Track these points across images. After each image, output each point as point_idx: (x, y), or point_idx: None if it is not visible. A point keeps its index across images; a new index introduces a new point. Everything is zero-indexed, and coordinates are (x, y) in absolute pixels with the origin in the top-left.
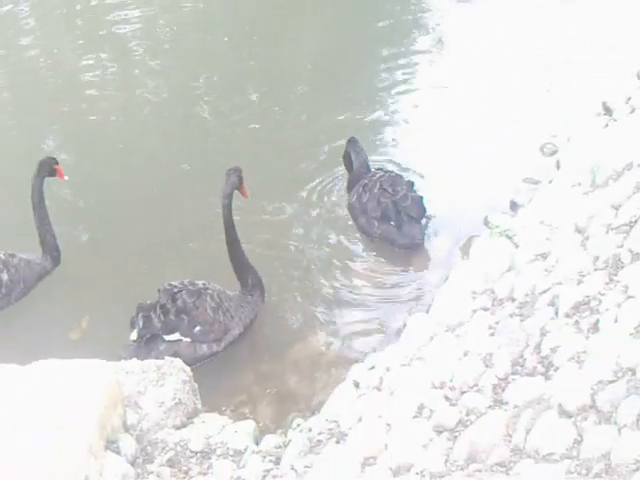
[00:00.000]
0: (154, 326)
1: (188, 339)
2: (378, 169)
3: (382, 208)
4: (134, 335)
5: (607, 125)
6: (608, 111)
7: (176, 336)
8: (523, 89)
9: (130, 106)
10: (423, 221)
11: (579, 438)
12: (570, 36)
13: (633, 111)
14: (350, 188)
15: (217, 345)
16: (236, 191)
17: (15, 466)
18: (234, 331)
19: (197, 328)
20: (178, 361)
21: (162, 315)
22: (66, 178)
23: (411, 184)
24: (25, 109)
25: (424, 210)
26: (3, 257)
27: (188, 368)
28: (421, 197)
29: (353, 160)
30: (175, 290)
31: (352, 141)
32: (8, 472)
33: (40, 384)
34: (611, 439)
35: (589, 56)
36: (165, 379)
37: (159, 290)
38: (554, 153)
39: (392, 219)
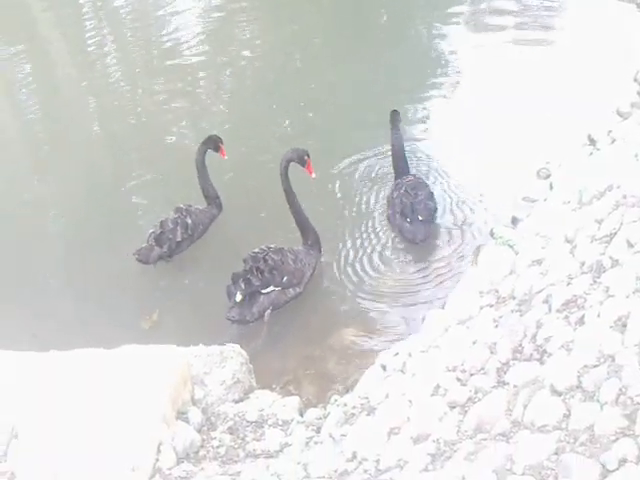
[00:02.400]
0: (254, 284)
1: (279, 288)
2: (412, 174)
3: (402, 206)
4: (238, 297)
5: (592, 154)
6: (592, 142)
7: (270, 288)
8: (523, 122)
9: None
10: (431, 225)
11: (567, 413)
12: (564, 73)
13: (613, 142)
14: (395, 173)
15: (299, 287)
16: None
17: (103, 430)
18: (307, 274)
19: (285, 278)
20: (237, 346)
21: (259, 274)
22: (225, 157)
23: (431, 194)
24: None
25: (432, 217)
26: (184, 207)
27: (245, 353)
28: (435, 207)
29: (391, 130)
30: (261, 255)
31: (395, 114)
32: (96, 435)
33: (124, 365)
34: (594, 414)
35: (578, 93)
36: (226, 361)
37: (245, 260)
38: (548, 176)
39: (408, 216)
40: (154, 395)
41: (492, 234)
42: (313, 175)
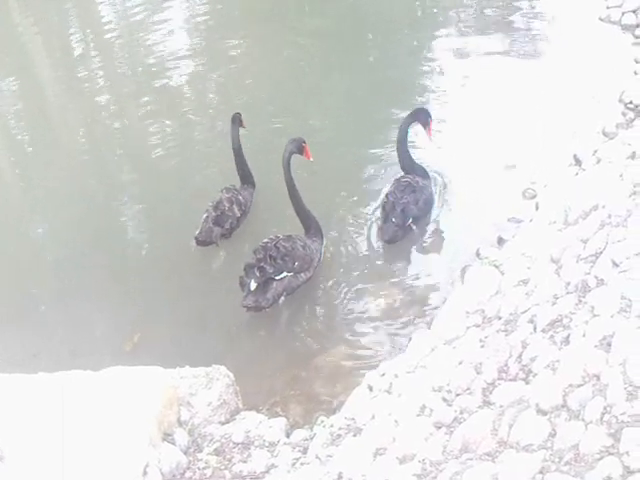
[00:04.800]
0: (268, 272)
1: (291, 273)
2: (410, 176)
3: (383, 203)
4: (253, 285)
5: (577, 174)
6: (578, 162)
7: (283, 274)
8: (509, 142)
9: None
10: (403, 230)
11: (553, 432)
12: (550, 93)
13: (598, 162)
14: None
15: (309, 272)
16: None
17: (89, 451)
18: (315, 259)
19: (296, 264)
20: (223, 368)
21: (273, 262)
22: (246, 127)
23: (417, 200)
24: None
25: (404, 223)
26: (230, 187)
27: (231, 374)
28: (416, 214)
29: (399, 132)
30: (271, 244)
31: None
32: (82, 456)
33: (110, 387)
34: (579, 433)
35: (564, 113)
36: (212, 383)
37: (255, 250)
38: (534, 197)
39: (386, 214)
40: (140, 416)
41: (478, 254)
42: (311, 159)
